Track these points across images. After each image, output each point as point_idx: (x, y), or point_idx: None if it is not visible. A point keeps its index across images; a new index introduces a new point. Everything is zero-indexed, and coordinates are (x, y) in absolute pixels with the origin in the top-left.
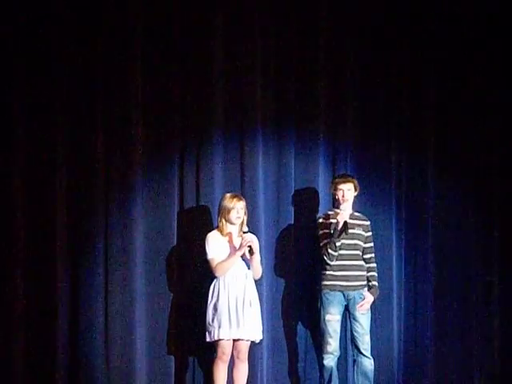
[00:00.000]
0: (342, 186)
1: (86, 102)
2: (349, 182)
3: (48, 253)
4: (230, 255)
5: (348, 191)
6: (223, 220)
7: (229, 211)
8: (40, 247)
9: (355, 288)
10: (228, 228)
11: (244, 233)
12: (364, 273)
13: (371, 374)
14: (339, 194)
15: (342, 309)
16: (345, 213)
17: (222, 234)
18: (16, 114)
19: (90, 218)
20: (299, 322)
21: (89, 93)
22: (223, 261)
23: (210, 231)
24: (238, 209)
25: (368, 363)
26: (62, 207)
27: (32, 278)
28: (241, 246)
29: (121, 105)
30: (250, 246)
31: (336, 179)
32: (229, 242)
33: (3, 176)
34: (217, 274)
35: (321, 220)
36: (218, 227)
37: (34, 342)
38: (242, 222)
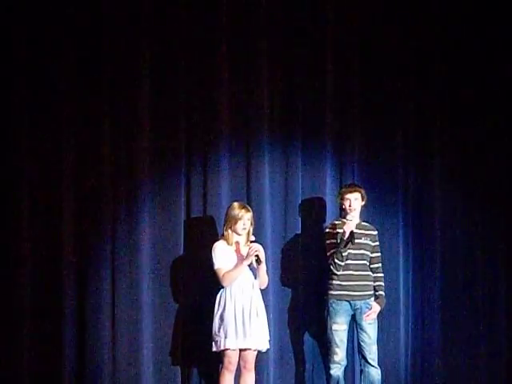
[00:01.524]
0: (348, 196)
1: (92, 113)
2: (356, 191)
3: (54, 261)
4: (237, 264)
5: (355, 200)
6: (229, 229)
7: (236, 221)
8: (47, 255)
9: (362, 298)
10: (234, 237)
11: (251, 242)
12: (371, 283)
13: None
14: (346, 204)
15: (348, 318)
16: (351, 223)
17: (228, 243)
18: (21, 125)
19: (96, 227)
20: (306, 332)
21: (95, 104)
22: (230, 270)
23: (216, 241)
24: (244, 220)
25: (375, 373)
26: (69, 216)
27: (38, 286)
28: (248, 255)
29: (127, 116)
30: (257, 255)
31: (343, 189)
32: (236, 251)
33: (9, 184)
34: (224, 284)
35: (328, 230)
36: (223, 235)
37: (40, 351)
38: (248, 232)
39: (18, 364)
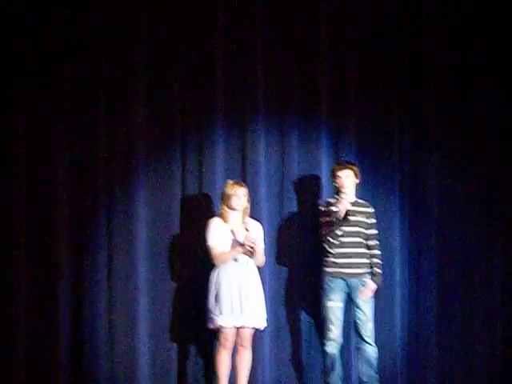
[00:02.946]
0: (340, 173)
1: (88, 94)
2: (347, 168)
3: (50, 242)
4: (231, 249)
5: (346, 178)
6: (225, 207)
7: (230, 197)
8: (41, 235)
9: (357, 275)
10: (230, 215)
11: (247, 230)
12: (366, 260)
13: (375, 362)
14: (338, 182)
15: (344, 296)
16: (345, 201)
17: (224, 220)
18: (17, 111)
19: (91, 207)
20: (302, 310)
21: (91, 84)
22: (223, 252)
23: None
24: (239, 195)
25: (371, 351)
26: (64, 196)
27: (34, 267)
28: (243, 244)
29: (123, 92)
30: (251, 247)
31: (334, 166)
32: (233, 240)
33: (5, 163)
34: (215, 263)
35: (322, 208)
36: (220, 214)
37: (37, 328)
38: (245, 210)
39: (14, 338)
